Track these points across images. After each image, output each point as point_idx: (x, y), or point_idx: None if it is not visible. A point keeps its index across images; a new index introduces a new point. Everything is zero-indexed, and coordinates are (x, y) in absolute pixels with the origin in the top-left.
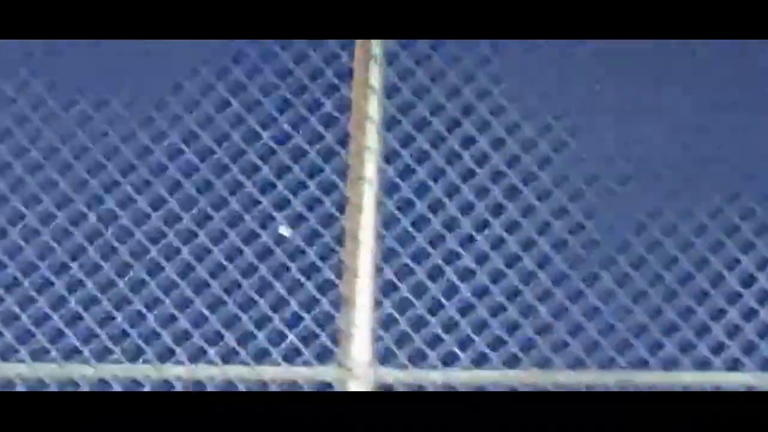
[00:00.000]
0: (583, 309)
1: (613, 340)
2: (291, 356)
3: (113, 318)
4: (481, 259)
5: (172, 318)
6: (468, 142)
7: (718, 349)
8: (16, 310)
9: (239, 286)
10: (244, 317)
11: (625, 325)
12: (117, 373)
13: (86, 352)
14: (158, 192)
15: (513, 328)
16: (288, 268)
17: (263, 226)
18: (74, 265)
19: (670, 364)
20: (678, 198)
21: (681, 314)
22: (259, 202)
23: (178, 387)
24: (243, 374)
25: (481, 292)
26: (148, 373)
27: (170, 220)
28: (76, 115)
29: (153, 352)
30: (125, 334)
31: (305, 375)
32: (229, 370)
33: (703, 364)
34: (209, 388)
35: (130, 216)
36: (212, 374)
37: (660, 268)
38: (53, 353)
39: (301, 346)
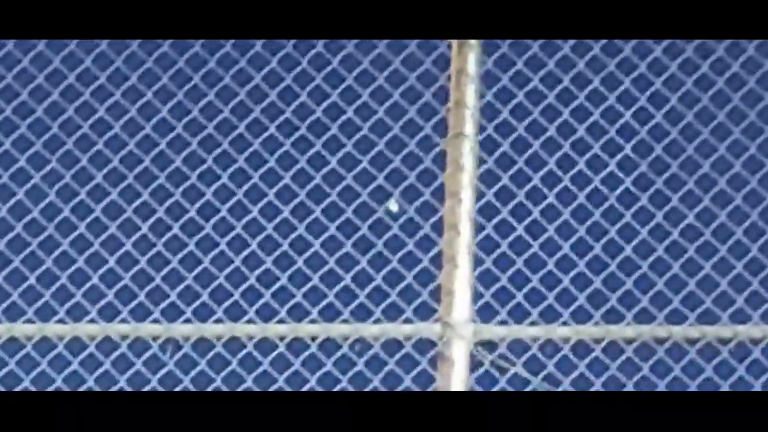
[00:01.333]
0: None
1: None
2: (392, 314)
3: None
4: (580, 213)
5: (275, 277)
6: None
7: None
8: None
9: (340, 244)
10: (346, 276)
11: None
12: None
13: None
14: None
15: (612, 282)
16: (388, 227)
17: (364, 185)
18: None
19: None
20: None
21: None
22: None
23: (281, 346)
24: (344, 332)
25: (580, 248)
26: (250, 332)
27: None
28: None
29: (255, 312)
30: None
31: (406, 332)
32: (331, 329)
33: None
34: (313, 348)
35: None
36: (315, 332)
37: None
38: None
39: (402, 303)
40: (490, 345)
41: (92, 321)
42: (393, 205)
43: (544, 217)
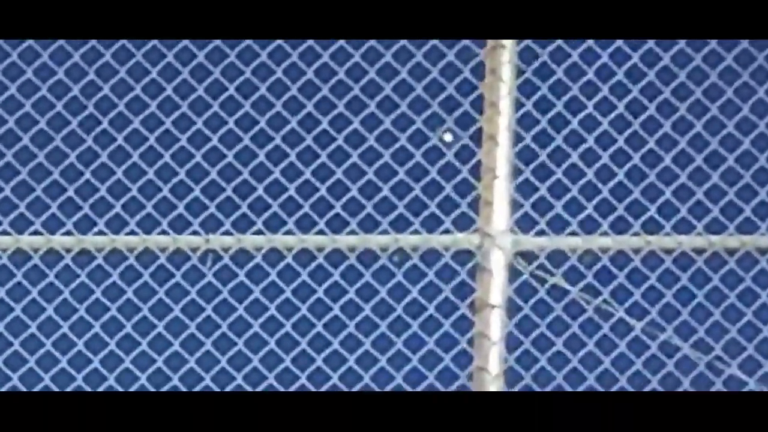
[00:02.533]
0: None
1: None
2: (431, 225)
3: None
4: (618, 123)
5: (313, 188)
6: None
7: None
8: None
9: (379, 155)
10: (384, 187)
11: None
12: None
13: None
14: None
15: (651, 192)
16: (427, 137)
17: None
18: None
19: None
20: None
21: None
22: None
23: (320, 258)
24: (383, 243)
25: (619, 158)
26: (289, 244)
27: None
28: None
29: (294, 223)
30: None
31: (445, 242)
32: (370, 240)
33: None
34: (351, 259)
35: None
36: (354, 244)
37: None
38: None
39: (441, 214)
40: (529, 256)
41: (132, 233)
42: (447, 136)
43: (583, 127)
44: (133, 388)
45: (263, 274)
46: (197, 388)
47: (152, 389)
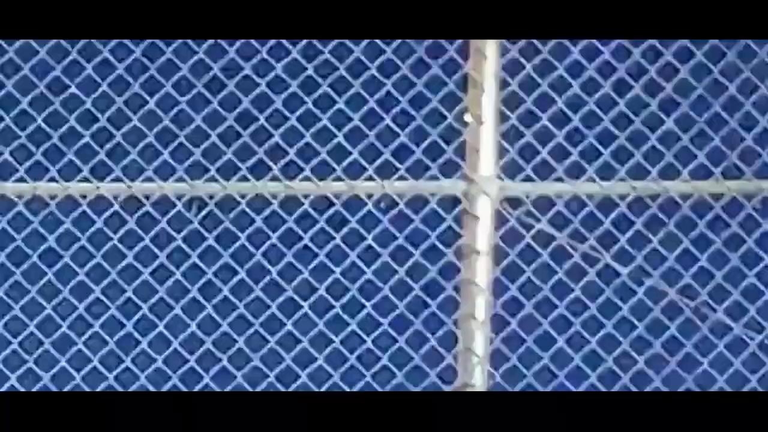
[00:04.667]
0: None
1: None
2: (417, 171)
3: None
4: (605, 70)
5: (299, 135)
6: None
7: None
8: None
9: (364, 100)
10: (370, 133)
11: None
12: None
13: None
14: None
15: (639, 139)
16: (413, 83)
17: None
18: None
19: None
20: None
21: None
22: None
23: (306, 204)
24: (369, 189)
25: (606, 104)
26: (274, 190)
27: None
28: None
29: (280, 170)
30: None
31: (431, 189)
32: (356, 186)
33: None
34: (338, 204)
35: None
36: (340, 190)
37: None
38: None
39: (427, 160)
40: (515, 202)
41: (117, 180)
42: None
43: (569, 73)
44: (117, 337)
45: (248, 220)
46: (181, 337)
47: (138, 337)
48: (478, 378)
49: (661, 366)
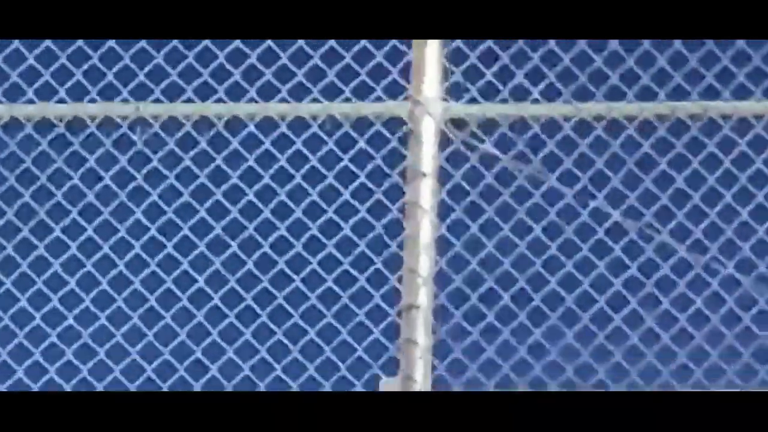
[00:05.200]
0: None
1: None
2: (362, 92)
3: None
4: None
5: (243, 55)
6: None
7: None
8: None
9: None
10: (315, 54)
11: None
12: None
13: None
14: None
15: (582, 60)
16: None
17: None
18: None
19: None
20: None
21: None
22: None
23: (250, 126)
24: (314, 111)
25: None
26: (219, 112)
27: None
28: None
29: (224, 91)
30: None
31: (376, 110)
32: (301, 108)
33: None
34: (282, 127)
35: None
36: (284, 112)
37: None
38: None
39: (371, 82)
40: (460, 123)
41: (62, 101)
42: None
43: None
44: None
45: (194, 142)
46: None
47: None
48: (422, 297)
49: (607, 287)
